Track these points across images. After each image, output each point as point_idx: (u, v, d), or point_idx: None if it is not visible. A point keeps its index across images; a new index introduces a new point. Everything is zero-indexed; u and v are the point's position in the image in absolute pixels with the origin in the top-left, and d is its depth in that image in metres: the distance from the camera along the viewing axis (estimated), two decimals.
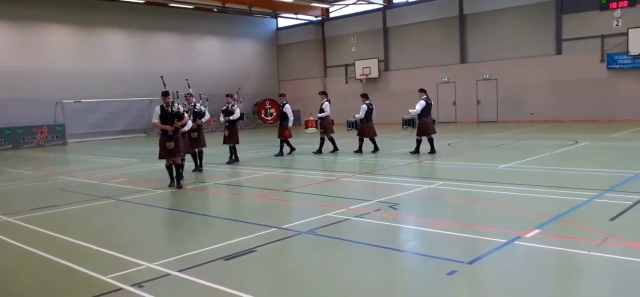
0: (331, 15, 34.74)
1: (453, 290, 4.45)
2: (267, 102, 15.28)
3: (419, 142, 14.34)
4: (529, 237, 5.69)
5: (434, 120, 14.72)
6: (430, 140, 14.33)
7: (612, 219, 6.33)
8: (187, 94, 12.42)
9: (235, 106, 13.95)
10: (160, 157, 10.39)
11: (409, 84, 30.61)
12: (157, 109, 10.11)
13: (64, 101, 26.25)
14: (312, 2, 31.07)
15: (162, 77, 10.35)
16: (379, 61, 31.85)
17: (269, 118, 15.11)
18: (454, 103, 29.04)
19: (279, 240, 6.17)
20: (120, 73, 28.63)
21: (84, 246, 6.29)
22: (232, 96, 14.13)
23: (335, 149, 15.60)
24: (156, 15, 30.25)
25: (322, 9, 33.98)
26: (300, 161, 14.21)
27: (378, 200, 8.13)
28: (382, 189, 9.35)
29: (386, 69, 31.97)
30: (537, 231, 5.93)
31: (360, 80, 32.64)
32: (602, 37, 23.89)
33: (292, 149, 15.58)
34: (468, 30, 28.43)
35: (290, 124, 15.16)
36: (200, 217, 7.90)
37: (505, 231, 6.01)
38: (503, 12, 26.90)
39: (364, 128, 15.33)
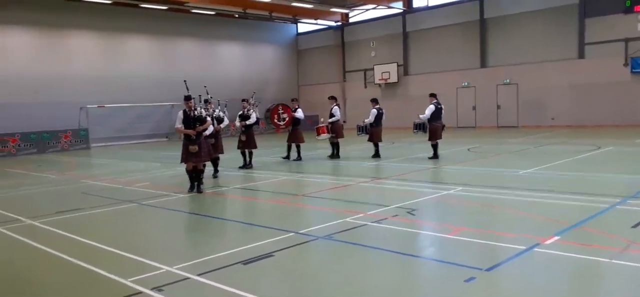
0: (351, 20, 34.81)
1: None
2: (280, 107, 15.29)
3: (434, 146, 14.45)
4: (549, 244, 5.64)
5: (444, 126, 14.82)
6: (435, 146, 14.49)
7: (634, 226, 6.23)
8: (206, 99, 12.50)
9: (252, 111, 14.02)
10: (183, 160, 10.41)
11: (429, 89, 30.21)
12: (180, 114, 10.20)
13: (87, 106, 26.79)
14: (331, 8, 31.21)
15: (185, 81, 10.33)
16: (398, 66, 31.79)
17: (282, 123, 15.10)
18: (474, 108, 28.82)
19: (297, 245, 6.21)
20: (143, 78, 29.11)
21: (105, 250, 6.41)
22: (247, 100, 14.22)
23: (336, 154, 15.71)
24: (178, 21, 30.70)
25: (342, 14, 34.07)
26: (317, 166, 14.25)
27: (396, 205, 8.12)
28: (400, 194, 9.33)
29: (405, 73, 31.88)
30: (557, 237, 5.87)
31: (379, 85, 32.61)
32: (626, 40, 23.51)
33: (299, 157, 15.44)
34: (489, 35, 28.21)
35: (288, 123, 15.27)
36: (219, 222, 7.99)
37: (525, 237, 5.96)
38: (524, 15, 26.63)
39: (374, 133, 15.36)
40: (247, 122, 13.85)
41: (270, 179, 12.32)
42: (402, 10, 31.46)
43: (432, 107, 14.46)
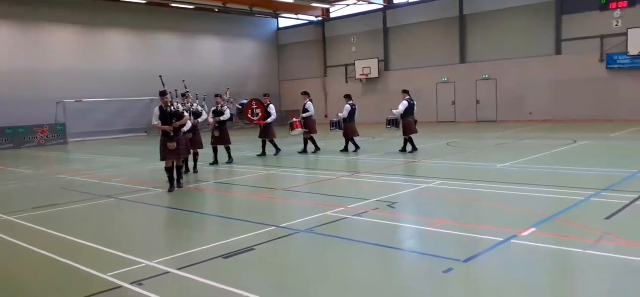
0: (332, 15, 34.81)
1: (449, 288, 4.50)
2: (254, 103, 15.11)
3: (406, 140, 14.92)
4: (526, 236, 5.75)
5: (416, 121, 15.23)
6: (410, 140, 14.91)
7: (608, 218, 6.39)
8: (183, 93, 12.24)
9: (225, 107, 13.90)
10: (163, 158, 10.07)
11: (409, 84, 30.51)
12: (157, 110, 9.85)
13: (65, 100, 26.34)
14: (312, 3, 31.17)
15: (160, 76, 10.09)
16: (379, 61, 31.92)
17: (255, 118, 14.94)
18: (454, 103, 29.11)
19: (278, 239, 6.22)
20: (122, 73, 28.74)
21: (84, 245, 6.35)
22: (221, 96, 14.00)
23: (317, 149, 15.79)
24: (158, 15, 30.34)
25: (323, 9, 34.06)
26: (297, 161, 14.27)
27: (376, 199, 8.19)
28: (380, 188, 9.40)
29: (386, 69, 32.03)
30: (533, 229, 5.99)
31: (361, 80, 32.71)
32: (602, 37, 23.95)
33: (278, 150, 15.55)
34: (468, 31, 28.49)
35: (270, 120, 15.12)
36: (199, 216, 7.95)
37: (502, 229, 6.06)
38: (503, 12, 26.95)
39: (348, 128, 15.52)
40: (221, 118, 13.74)
41: (249, 173, 12.30)
42: (382, 6, 31.57)
43: (405, 103, 15.00)
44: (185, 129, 10.73)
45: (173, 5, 29.71)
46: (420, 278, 4.81)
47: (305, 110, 15.59)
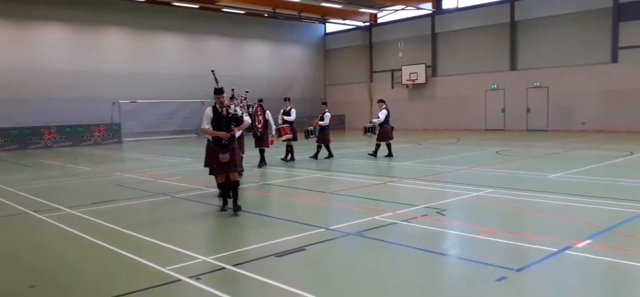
0: (379, 20, 34.80)
1: (503, 296, 4.48)
2: (259, 109, 13.65)
3: (378, 146, 15.60)
4: (581, 247, 5.64)
5: (393, 128, 15.87)
6: (389, 146, 15.61)
7: None
8: (232, 95, 11.85)
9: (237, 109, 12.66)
10: (212, 172, 8.37)
11: (457, 90, 30.35)
12: (209, 111, 8.09)
13: (120, 101, 27.44)
14: (360, 8, 31.26)
15: (213, 71, 8.49)
16: (426, 67, 31.67)
17: (260, 125, 13.57)
18: (503, 110, 28.53)
19: (328, 240, 6.33)
20: (173, 75, 29.67)
21: (142, 239, 6.65)
22: (235, 97, 11.72)
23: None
24: (209, 19, 31.18)
25: (371, 14, 34.11)
26: (344, 164, 14.35)
27: (425, 205, 8.18)
28: (429, 194, 9.38)
29: (433, 74, 31.74)
30: (588, 241, 5.87)
31: (407, 85, 32.54)
32: None
33: (262, 162, 14.28)
34: (519, 37, 27.90)
35: (273, 132, 14.30)
36: (251, 216, 8.13)
37: (556, 240, 5.97)
38: (556, 19, 26.25)
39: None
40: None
41: (296, 176, 12.48)
42: (431, 11, 31.32)
43: (385, 112, 15.44)
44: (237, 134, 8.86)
45: (224, 9, 30.44)
46: (472, 285, 4.80)
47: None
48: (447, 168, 13.06)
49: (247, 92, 12.45)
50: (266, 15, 32.56)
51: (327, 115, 15.70)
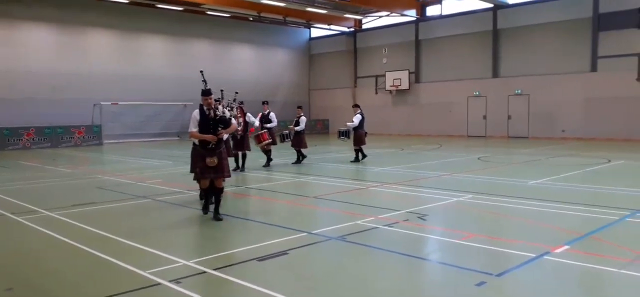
0: (364, 26, 34.98)
1: None
2: (239, 111, 13.03)
3: (357, 151, 15.76)
4: (559, 253, 5.72)
5: (366, 133, 16.06)
6: (360, 150, 15.77)
7: None
8: (217, 99, 11.59)
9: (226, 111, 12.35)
10: (198, 177, 8.00)
11: (440, 97, 30.62)
12: (196, 114, 7.78)
13: (101, 103, 27.13)
14: (345, 14, 31.39)
15: (201, 71, 8.24)
16: (409, 73, 31.91)
17: (240, 128, 12.94)
18: (485, 117, 28.85)
19: (310, 244, 6.33)
20: (157, 78, 29.46)
21: (123, 242, 6.57)
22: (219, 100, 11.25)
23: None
24: (193, 22, 31.04)
25: (355, 20, 34.27)
26: (326, 169, 14.37)
27: (407, 210, 8.23)
28: (411, 199, 9.44)
29: (417, 81, 31.99)
30: (566, 246, 5.96)
31: (390, 91, 32.74)
32: (639, 55, 23.47)
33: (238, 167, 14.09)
34: (501, 45, 28.26)
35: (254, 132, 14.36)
36: (233, 220, 8.09)
37: (535, 245, 6.05)
38: (538, 27, 26.66)
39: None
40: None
41: (279, 180, 12.46)
42: (415, 18, 31.57)
43: (359, 116, 15.62)
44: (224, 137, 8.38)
45: (209, 12, 30.33)
46: (453, 290, 4.84)
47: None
48: (429, 173, 13.15)
49: (236, 93, 11.99)
50: (251, 19, 32.52)
51: (303, 119, 15.69)
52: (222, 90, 10.61)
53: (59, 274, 5.47)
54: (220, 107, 8.02)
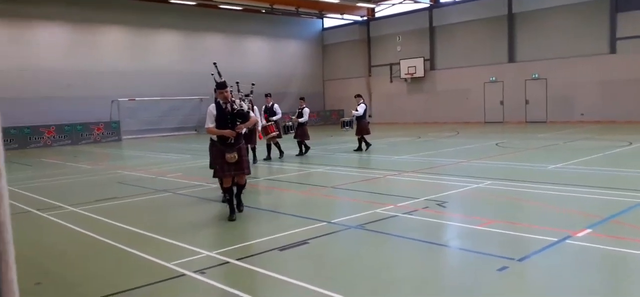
0: (377, 15, 34.81)
1: (504, 286, 4.54)
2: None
3: (360, 140, 15.75)
4: (580, 237, 5.69)
5: (368, 122, 16.05)
6: (364, 139, 15.76)
7: None
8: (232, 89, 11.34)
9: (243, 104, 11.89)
10: (218, 174, 7.66)
11: (456, 83, 30.40)
12: (211, 109, 7.37)
13: (119, 99, 27.46)
14: (358, 2, 31.24)
15: (215, 63, 7.95)
16: (424, 60, 31.71)
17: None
18: (502, 103, 28.60)
19: (330, 233, 6.38)
20: (172, 73, 29.69)
21: (146, 235, 6.69)
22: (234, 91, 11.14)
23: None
24: (206, 16, 31.16)
25: (368, 9, 34.10)
26: (342, 159, 14.41)
27: (426, 198, 8.23)
28: (430, 187, 9.43)
29: (432, 68, 31.78)
30: (588, 230, 5.92)
31: (406, 79, 32.58)
32: None
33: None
34: (516, 29, 27.93)
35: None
36: (254, 211, 8.18)
37: (556, 230, 6.02)
38: (554, 10, 26.28)
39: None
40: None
41: (296, 171, 12.53)
42: (428, 5, 31.33)
43: (363, 106, 15.53)
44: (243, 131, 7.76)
45: (221, 6, 30.43)
46: (474, 275, 4.85)
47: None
48: (447, 161, 13.11)
49: (253, 85, 11.27)
50: (264, 11, 32.55)
51: (306, 111, 15.46)
52: (237, 82, 10.34)
53: (84, 267, 5.60)
54: (237, 100, 7.64)
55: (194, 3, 29.39)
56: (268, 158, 14.68)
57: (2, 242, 0.91)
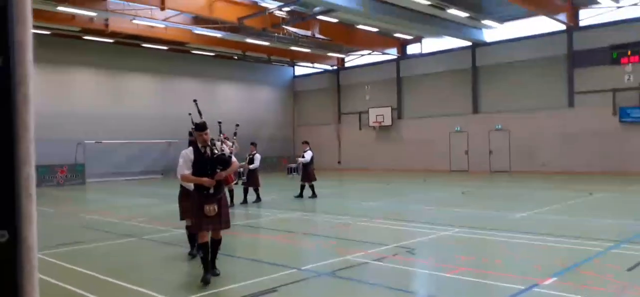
0: (346, 64, 35.54)
1: None
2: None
3: (302, 187, 15.83)
4: (547, 285, 5.81)
5: (314, 168, 16.17)
6: (312, 187, 15.84)
7: (630, 269, 6.43)
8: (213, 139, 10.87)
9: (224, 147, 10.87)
10: (195, 228, 6.59)
11: (422, 133, 31.02)
12: (188, 153, 6.44)
13: (85, 141, 26.90)
14: (328, 52, 31.90)
15: (195, 100, 7.18)
16: (392, 109, 32.33)
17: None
18: (467, 152, 29.24)
19: (300, 281, 6.33)
20: (142, 116, 29.36)
21: (109, 282, 6.50)
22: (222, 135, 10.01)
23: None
24: (179, 61, 31.21)
25: (338, 58, 34.82)
26: (313, 204, 14.40)
27: (395, 245, 8.28)
28: (399, 233, 9.50)
29: (399, 117, 32.40)
30: (554, 279, 6.05)
31: (374, 127, 33.07)
32: (614, 90, 24.15)
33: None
34: (480, 82, 28.88)
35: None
36: (222, 257, 8.05)
37: (523, 277, 6.13)
38: (515, 65, 27.35)
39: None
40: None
41: (267, 217, 12.44)
42: (396, 56, 32.21)
43: (310, 153, 15.77)
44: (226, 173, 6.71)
45: (194, 51, 30.57)
46: None
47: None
48: (415, 207, 13.25)
49: (237, 126, 9.47)
50: (236, 57, 32.85)
51: (257, 156, 15.00)
52: (219, 122, 8.54)
53: None
54: (218, 143, 6.74)
55: (166, 48, 29.46)
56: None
57: (30, 265, 0.92)
